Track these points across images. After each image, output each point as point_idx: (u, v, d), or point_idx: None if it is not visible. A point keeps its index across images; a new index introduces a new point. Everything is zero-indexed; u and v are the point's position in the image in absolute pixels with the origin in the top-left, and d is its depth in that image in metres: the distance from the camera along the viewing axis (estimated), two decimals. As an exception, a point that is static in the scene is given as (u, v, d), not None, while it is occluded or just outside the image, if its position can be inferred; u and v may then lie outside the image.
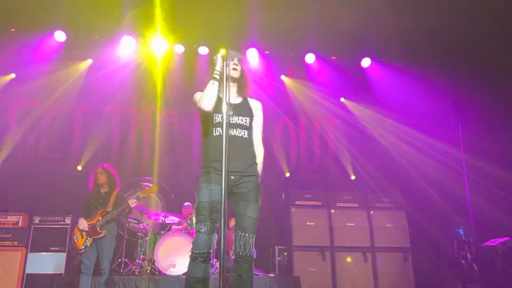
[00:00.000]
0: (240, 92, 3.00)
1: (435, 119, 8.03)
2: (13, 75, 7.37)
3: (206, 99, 2.77)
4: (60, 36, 7.19)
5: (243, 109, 2.95)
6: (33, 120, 7.41)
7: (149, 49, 7.56)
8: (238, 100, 3.01)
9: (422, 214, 7.34)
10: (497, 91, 7.04)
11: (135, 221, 6.41)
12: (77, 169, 7.35)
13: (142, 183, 6.91)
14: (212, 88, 2.79)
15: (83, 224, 4.80)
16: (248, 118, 2.94)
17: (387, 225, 6.94)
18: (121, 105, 7.87)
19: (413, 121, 7.95)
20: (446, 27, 6.92)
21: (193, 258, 2.68)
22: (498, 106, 7.07)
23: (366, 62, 8.10)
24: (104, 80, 7.56)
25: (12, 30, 7.01)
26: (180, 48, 7.70)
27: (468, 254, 7.06)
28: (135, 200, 5.00)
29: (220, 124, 2.84)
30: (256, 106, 3.06)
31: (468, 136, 7.80)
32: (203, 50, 7.72)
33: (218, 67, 2.82)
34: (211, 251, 2.70)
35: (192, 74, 7.87)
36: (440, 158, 7.76)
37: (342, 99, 8.45)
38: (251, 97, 3.09)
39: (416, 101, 7.97)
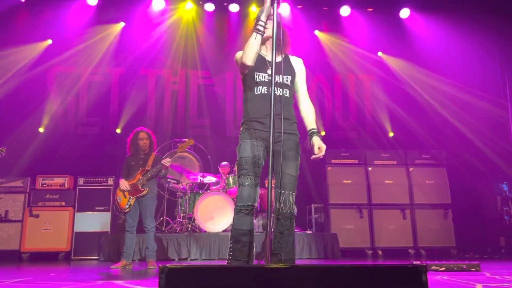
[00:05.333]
0: (280, 49, 2.86)
1: (480, 70, 7.61)
2: (49, 41, 7.46)
3: (247, 54, 2.67)
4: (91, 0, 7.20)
5: (285, 68, 2.85)
6: (71, 86, 7.56)
7: (179, 9, 7.44)
8: (279, 58, 2.89)
9: (465, 170, 7.13)
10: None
11: (175, 181, 6.58)
12: (116, 132, 7.53)
13: (178, 145, 7.00)
14: (254, 42, 2.67)
15: (124, 184, 4.95)
16: (289, 77, 2.85)
17: (427, 182, 6.81)
18: (154, 68, 7.89)
19: (456, 73, 7.57)
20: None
21: (237, 211, 2.70)
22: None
23: (405, 13, 7.71)
24: (136, 43, 7.58)
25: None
26: (210, 7, 7.55)
27: (512, 210, 6.86)
28: (169, 159, 5.05)
29: (262, 83, 2.77)
30: (297, 62, 2.95)
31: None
32: (234, 8, 7.53)
33: (263, 17, 2.64)
34: (255, 204, 2.71)
35: (223, 34, 7.73)
36: (485, 111, 7.41)
37: (379, 53, 8.13)
38: (292, 55, 2.98)
39: (459, 51, 7.55)
